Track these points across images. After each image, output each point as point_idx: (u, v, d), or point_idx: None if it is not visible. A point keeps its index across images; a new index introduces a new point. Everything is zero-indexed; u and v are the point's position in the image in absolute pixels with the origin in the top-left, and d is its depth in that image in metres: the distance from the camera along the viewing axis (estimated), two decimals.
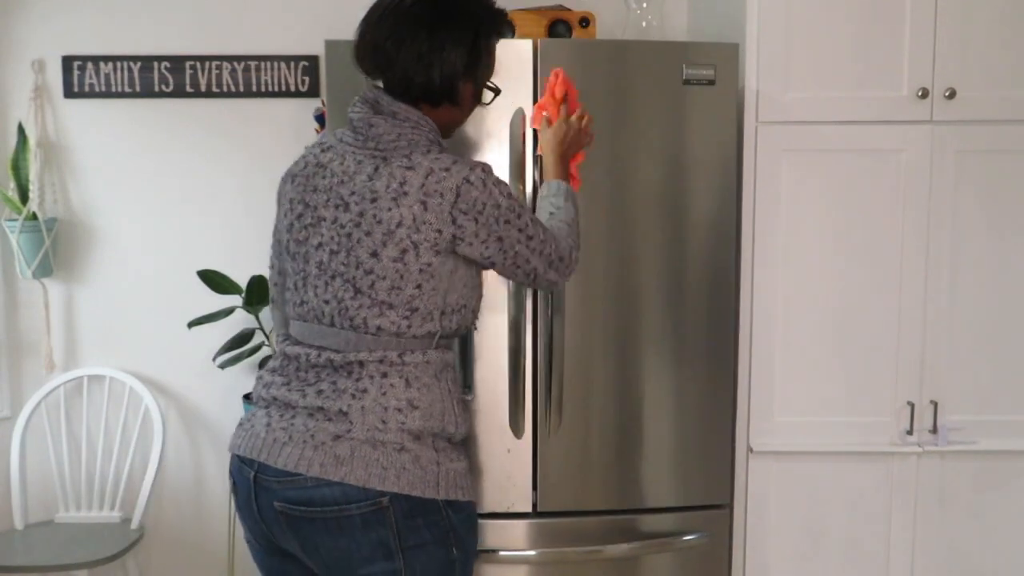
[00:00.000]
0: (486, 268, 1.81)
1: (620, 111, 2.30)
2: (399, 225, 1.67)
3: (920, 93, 2.41)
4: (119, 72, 2.92)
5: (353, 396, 1.70)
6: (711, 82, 2.30)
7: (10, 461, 2.91)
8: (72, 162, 2.96)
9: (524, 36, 2.45)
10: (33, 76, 2.91)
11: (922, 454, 2.51)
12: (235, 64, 2.92)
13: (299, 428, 1.70)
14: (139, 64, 2.91)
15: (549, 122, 2.07)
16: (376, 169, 1.71)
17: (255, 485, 1.72)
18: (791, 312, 2.48)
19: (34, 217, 2.86)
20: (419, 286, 1.71)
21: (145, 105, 2.94)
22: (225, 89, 2.93)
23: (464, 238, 1.71)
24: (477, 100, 1.87)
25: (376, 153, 1.73)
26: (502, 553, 2.37)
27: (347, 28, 2.77)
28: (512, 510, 2.37)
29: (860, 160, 2.45)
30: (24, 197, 2.88)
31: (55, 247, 2.92)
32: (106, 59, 2.91)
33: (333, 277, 1.73)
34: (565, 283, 1.92)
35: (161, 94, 2.93)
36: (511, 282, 2.28)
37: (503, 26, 1.85)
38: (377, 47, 1.75)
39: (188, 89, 2.93)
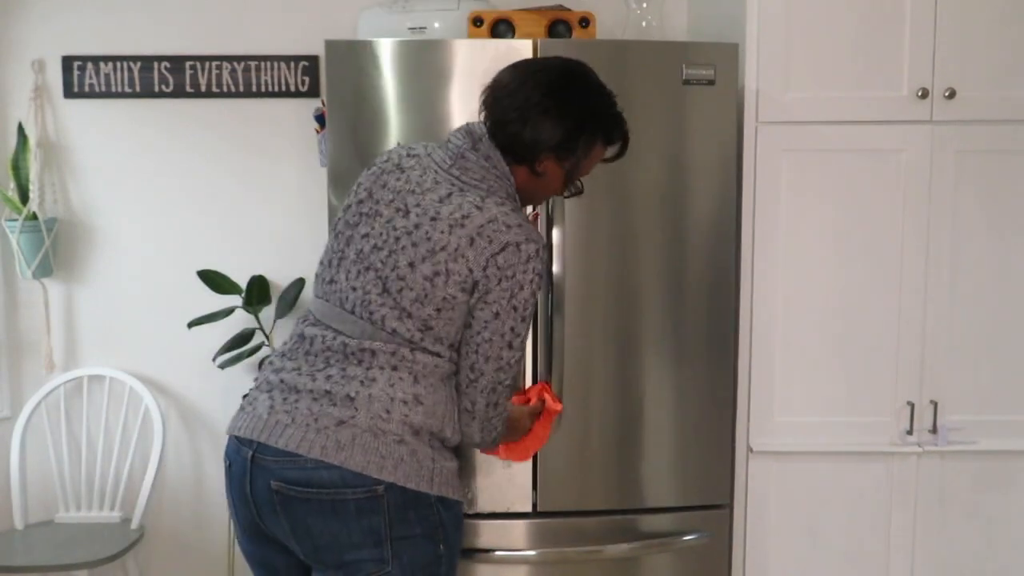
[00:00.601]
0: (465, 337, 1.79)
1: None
2: (443, 249, 1.73)
3: (920, 93, 2.41)
4: (119, 72, 2.92)
5: (362, 383, 1.74)
6: (711, 82, 2.30)
7: (10, 461, 2.91)
8: (72, 162, 2.96)
9: (524, 36, 2.45)
10: (33, 76, 2.91)
11: (922, 454, 2.51)
12: (235, 64, 2.92)
13: (303, 411, 1.73)
14: (139, 64, 2.91)
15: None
16: (449, 195, 1.76)
17: (252, 464, 1.75)
18: (791, 312, 2.48)
19: (34, 217, 2.86)
20: (438, 310, 1.75)
21: (145, 105, 2.94)
22: (225, 89, 2.93)
23: (479, 289, 1.75)
24: (560, 187, 1.88)
25: (456, 182, 1.78)
26: (502, 553, 2.37)
27: (347, 28, 2.79)
28: (512, 510, 2.37)
29: (860, 160, 2.45)
30: (24, 197, 2.88)
31: (55, 247, 2.92)
32: (106, 59, 2.91)
33: (367, 268, 1.77)
34: (464, 431, 1.83)
35: (161, 94, 2.93)
36: None
37: (613, 133, 1.87)
38: (496, 88, 1.82)
39: (188, 89, 2.93)
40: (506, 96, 1.80)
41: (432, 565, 1.78)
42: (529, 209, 2.07)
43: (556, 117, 1.78)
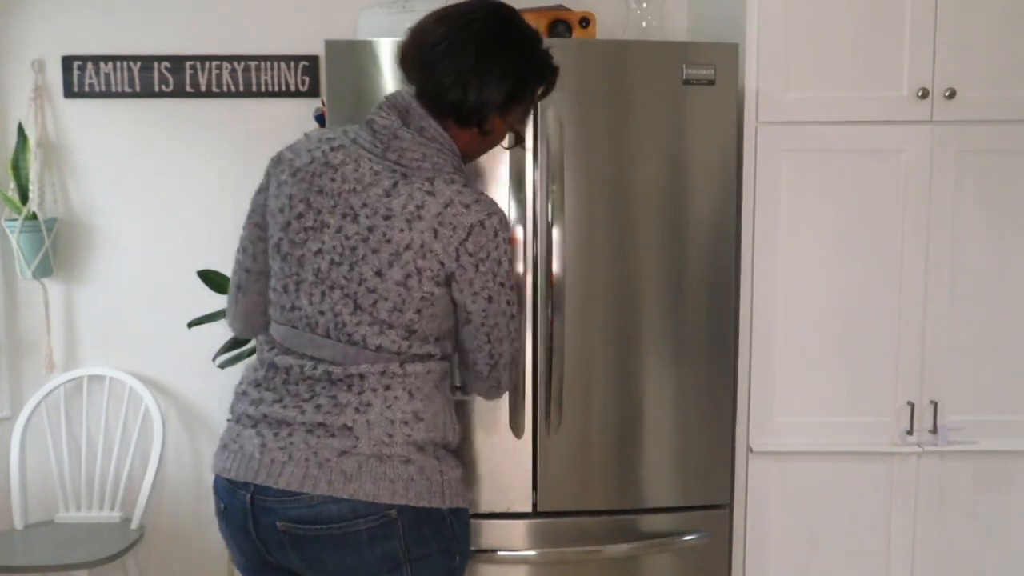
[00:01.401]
0: (460, 325, 1.76)
1: (620, 111, 2.30)
2: (407, 248, 1.64)
3: (920, 93, 2.41)
4: (119, 72, 2.92)
5: (357, 410, 1.67)
6: (711, 82, 2.30)
7: (10, 461, 2.91)
8: (72, 162, 2.96)
9: None
10: (33, 76, 2.91)
11: (922, 454, 2.51)
12: (235, 64, 2.92)
13: (299, 446, 1.65)
14: (139, 64, 2.91)
15: None
16: (395, 185, 1.66)
17: (252, 506, 1.68)
18: (791, 312, 2.48)
19: (34, 217, 2.86)
20: (419, 311, 1.68)
21: (145, 105, 2.94)
22: (225, 89, 2.93)
23: (459, 280, 1.69)
24: (498, 137, 1.82)
25: (396, 168, 1.67)
26: (502, 553, 2.37)
27: (347, 28, 2.79)
28: (512, 510, 2.37)
29: (860, 160, 2.45)
30: (24, 197, 2.88)
31: (55, 247, 2.92)
32: (106, 59, 2.91)
33: (332, 288, 1.67)
34: (487, 398, 1.90)
35: (161, 94, 2.93)
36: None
37: (546, 75, 1.81)
38: (423, 49, 1.71)
39: (188, 89, 2.93)
40: (439, 59, 1.68)
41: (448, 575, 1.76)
42: None
43: (499, 77, 1.69)
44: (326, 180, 1.69)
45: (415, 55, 1.72)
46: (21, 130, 2.89)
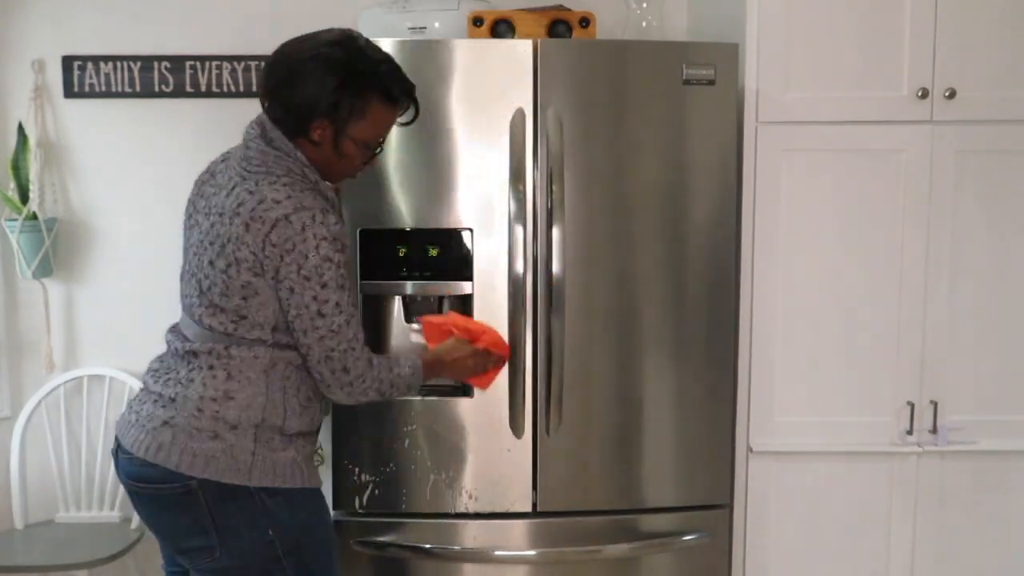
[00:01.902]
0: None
1: (620, 111, 2.30)
2: (229, 241, 1.81)
3: (920, 93, 2.41)
4: (119, 72, 2.92)
5: (182, 384, 1.88)
6: (711, 82, 2.30)
7: (10, 461, 2.91)
8: (72, 162, 2.96)
9: (524, 36, 2.45)
10: (33, 76, 2.91)
11: (922, 454, 2.51)
12: (235, 64, 2.92)
13: (143, 413, 1.90)
14: (139, 64, 2.91)
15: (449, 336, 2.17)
16: (233, 188, 1.85)
17: (116, 459, 1.95)
18: (791, 312, 2.48)
19: (34, 217, 2.86)
20: (244, 298, 1.84)
21: (145, 105, 2.94)
22: (225, 89, 2.93)
23: (268, 270, 1.81)
24: (343, 151, 1.88)
25: (243, 173, 1.86)
26: (502, 553, 2.37)
27: (346, 27, 2.78)
28: (512, 510, 2.37)
29: (860, 160, 2.45)
30: (24, 197, 2.88)
31: (55, 247, 2.92)
32: (106, 59, 2.91)
33: (192, 276, 1.91)
34: (342, 398, 1.91)
35: (161, 94, 2.93)
36: (508, 281, 2.28)
37: (392, 89, 1.88)
38: (270, 62, 1.89)
39: (188, 89, 2.93)
40: (274, 66, 1.87)
41: (265, 550, 1.86)
42: None
43: (319, 77, 1.81)
44: (208, 187, 1.94)
45: (263, 70, 1.91)
46: (21, 130, 2.89)
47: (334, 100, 1.82)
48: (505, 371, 2.30)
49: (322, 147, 1.87)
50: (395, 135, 2.27)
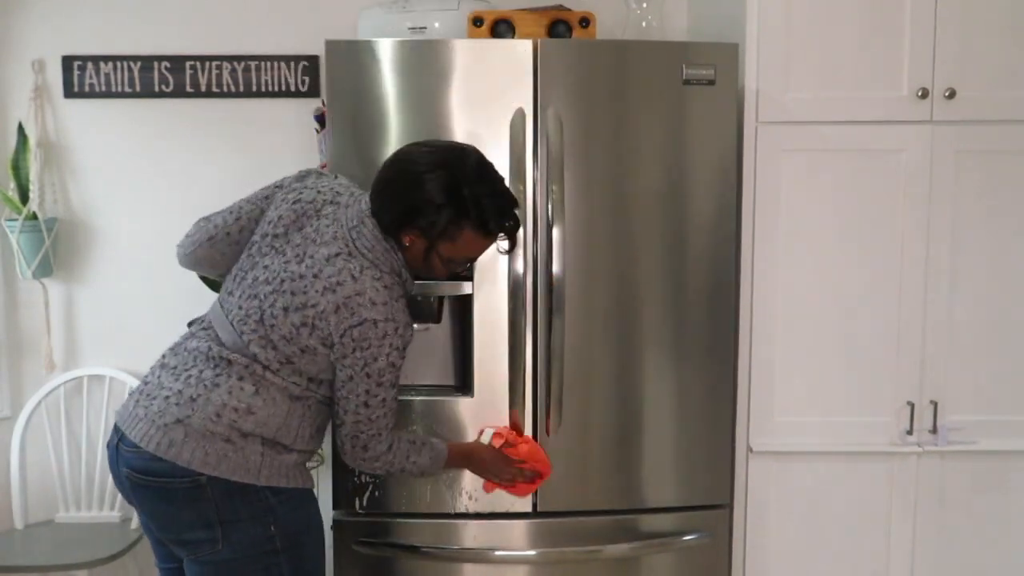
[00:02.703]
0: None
1: (620, 111, 2.30)
2: (312, 307, 1.89)
3: (920, 93, 2.41)
4: (119, 72, 2.92)
5: (206, 387, 1.92)
6: (711, 82, 2.30)
7: (10, 461, 2.91)
8: (72, 162, 2.96)
9: (524, 36, 2.45)
10: (33, 76, 2.91)
11: (922, 454, 2.51)
12: (235, 64, 2.92)
13: (154, 409, 1.92)
14: (139, 64, 2.91)
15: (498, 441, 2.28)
16: (337, 255, 1.91)
17: (116, 451, 1.97)
18: (791, 312, 2.48)
19: (34, 217, 2.86)
20: (302, 352, 1.92)
21: (145, 105, 2.94)
22: (225, 89, 2.93)
23: (336, 351, 1.91)
24: (430, 263, 1.97)
25: (349, 245, 1.93)
26: (502, 553, 2.37)
27: (347, 28, 2.79)
28: (512, 510, 2.37)
29: (860, 160, 2.45)
30: (24, 197, 2.88)
31: (55, 247, 2.92)
32: (106, 59, 2.91)
33: (254, 296, 1.95)
34: (351, 463, 2.04)
35: (161, 94, 2.93)
36: (508, 281, 2.28)
37: (488, 222, 1.92)
38: (388, 166, 1.96)
39: (188, 89, 2.93)
40: (391, 165, 1.95)
41: (263, 543, 1.93)
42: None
43: (426, 193, 1.88)
44: (307, 221, 1.98)
45: (381, 172, 1.96)
46: (21, 130, 2.89)
47: (430, 220, 1.90)
48: (504, 371, 2.31)
49: (410, 251, 1.96)
50: (396, 135, 2.27)
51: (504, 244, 2.05)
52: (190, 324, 2.13)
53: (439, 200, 1.88)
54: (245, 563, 1.93)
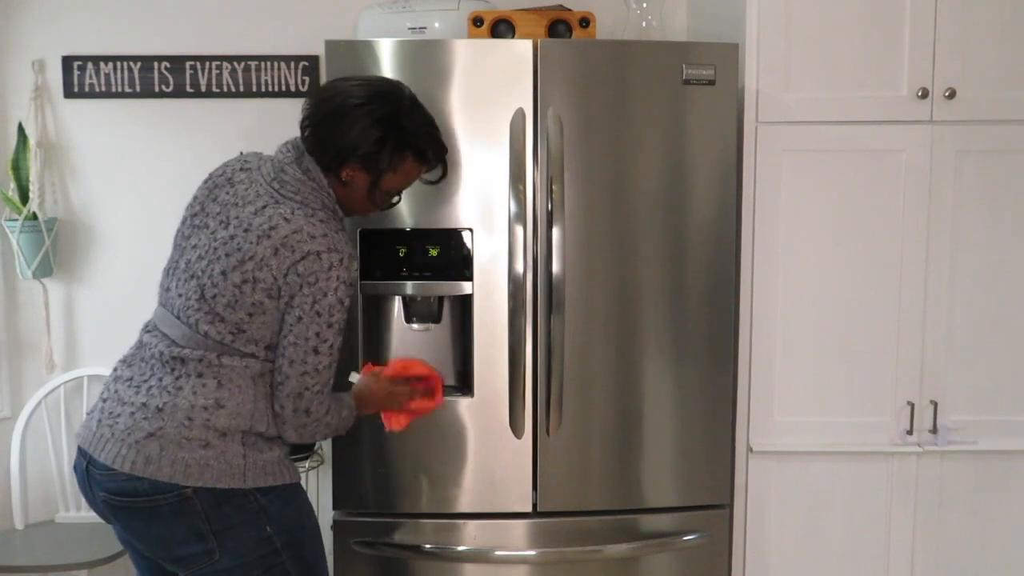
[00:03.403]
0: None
1: (620, 111, 2.30)
2: (250, 259, 1.85)
3: (920, 93, 2.41)
4: (119, 72, 2.92)
5: (170, 393, 1.87)
6: (711, 82, 2.30)
7: (10, 461, 2.91)
8: (72, 162, 2.96)
9: (524, 36, 2.45)
10: (33, 76, 2.91)
11: (922, 454, 2.51)
12: (235, 64, 2.92)
13: (120, 427, 1.87)
14: (139, 64, 2.91)
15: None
16: (264, 207, 1.89)
17: (87, 475, 1.92)
18: (791, 311, 2.48)
19: (34, 217, 2.86)
20: (250, 315, 1.87)
21: (145, 105, 2.94)
22: (225, 89, 2.93)
23: (283, 295, 1.86)
24: (369, 199, 1.99)
25: (275, 195, 1.90)
26: (502, 553, 2.37)
27: (347, 28, 2.79)
28: (512, 510, 2.37)
29: (860, 160, 2.45)
30: (24, 197, 2.88)
31: (55, 247, 2.92)
32: (106, 59, 2.91)
33: (191, 277, 1.91)
34: (289, 434, 1.93)
35: (161, 94, 2.93)
36: (508, 281, 2.28)
37: (427, 152, 1.99)
38: (321, 93, 1.97)
39: (188, 89, 2.93)
40: (323, 102, 1.94)
41: (261, 545, 1.89)
42: None
43: (365, 127, 1.90)
44: (223, 192, 1.96)
45: (310, 101, 1.96)
46: (21, 130, 2.89)
47: (374, 151, 1.91)
48: (504, 371, 2.31)
49: (350, 188, 1.96)
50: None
51: (436, 173, 2.08)
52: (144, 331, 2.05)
53: (383, 132, 1.90)
54: (247, 569, 1.89)
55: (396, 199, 2.09)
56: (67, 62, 2.91)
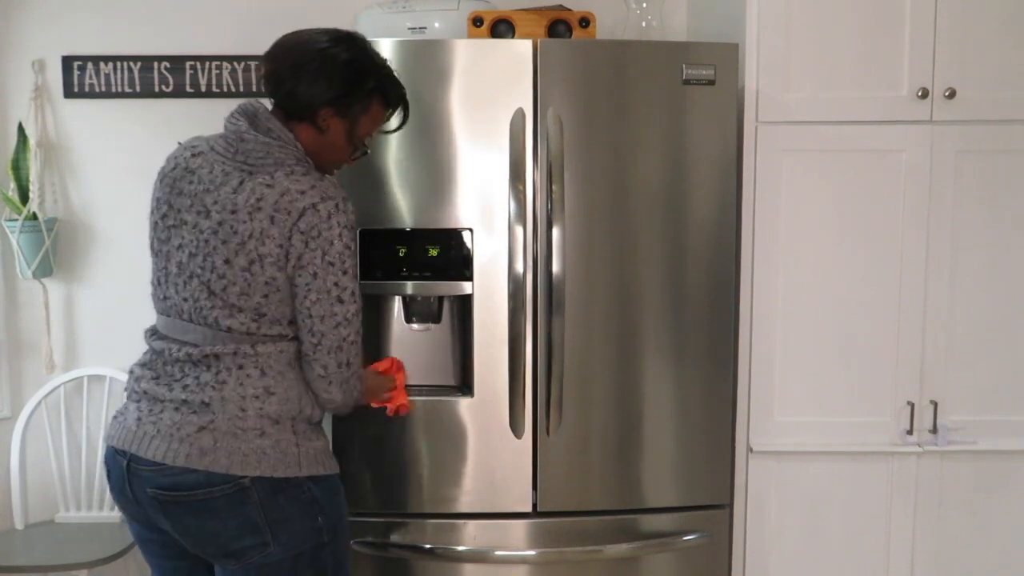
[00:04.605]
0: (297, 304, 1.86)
1: (620, 111, 2.30)
2: (250, 237, 1.80)
3: (920, 93, 2.41)
4: (119, 72, 2.92)
5: (214, 388, 1.84)
6: (711, 82, 2.30)
7: (10, 461, 2.91)
8: (72, 162, 2.96)
9: (524, 36, 2.45)
10: (33, 76, 2.91)
11: (922, 454, 2.51)
12: (235, 64, 2.92)
13: (166, 422, 1.84)
14: (139, 64, 2.91)
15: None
16: (241, 183, 1.83)
17: (128, 473, 1.87)
18: (791, 311, 2.48)
19: (34, 217, 2.86)
20: (266, 296, 1.83)
21: (145, 105, 2.93)
22: (225, 89, 2.93)
23: (291, 257, 1.81)
24: (345, 147, 1.95)
25: (244, 167, 1.85)
26: (501, 553, 2.37)
27: (346, 27, 2.78)
28: (512, 510, 2.37)
29: (860, 160, 2.45)
30: (24, 197, 2.88)
31: (55, 247, 2.92)
32: (106, 59, 2.91)
33: (191, 277, 1.86)
34: (324, 397, 1.92)
35: (161, 94, 2.93)
36: (508, 281, 2.28)
37: (390, 93, 1.97)
38: (277, 47, 1.94)
39: (188, 89, 2.92)
40: (282, 55, 1.91)
41: (312, 535, 1.88)
42: None
43: (329, 73, 1.87)
44: (185, 183, 1.89)
45: (268, 56, 1.94)
46: (21, 130, 2.89)
47: (344, 94, 1.88)
48: (504, 371, 2.30)
49: (327, 135, 1.91)
50: (396, 135, 2.27)
51: (396, 120, 2.05)
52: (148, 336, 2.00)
53: (352, 74, 1.88)
54: (296, 560, 1.87)
55: (366, 149, 2.02)
56: (67, 62, 2.91)
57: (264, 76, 1.92)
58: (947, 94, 2.41)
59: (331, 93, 1.87)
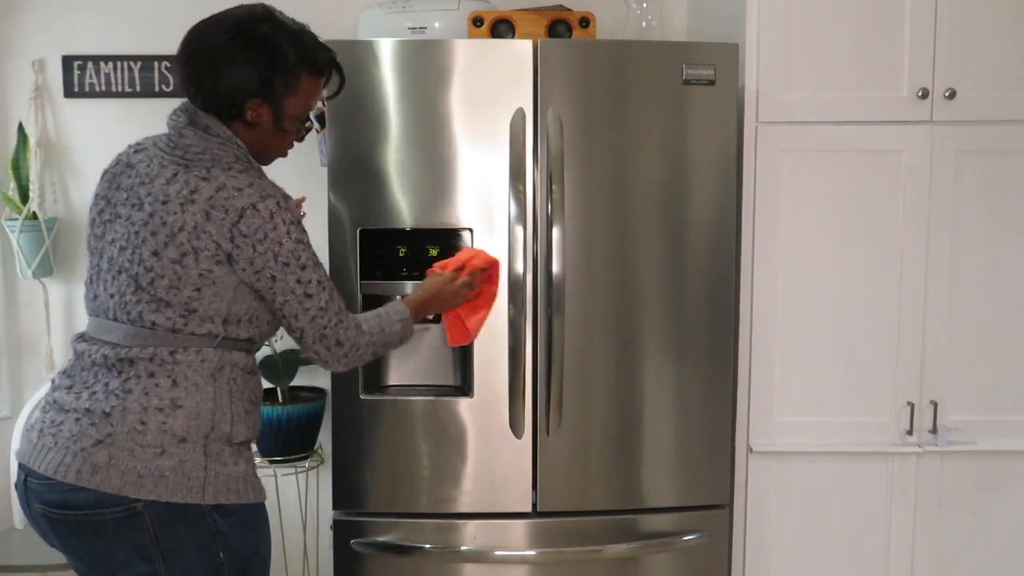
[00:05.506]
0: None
1: (620, 111, 2.30)
2: (181, 229, 1.71)
3: (920, 93, 2.41)
4: (119, 72, 2.92)
5: (118, 396, 1.71)
6: (711, 82, 2.30)
7: (10, 461, 2.91)
8: (72, 162, 2.96)
9: (524, 36, 2.45)
10: (33, 76, 2.91)
11: (922, 454, 2.51)
12: None
13: (64, 434, 1.71)
14: (139, 64, 2.91)
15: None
16: (175, 175, 1.75)
17: (25, 488, 1.76)
18: (791, 311, 2.48)
19: (34, 217, 2.86)
20: (198, 289, 1.73)
21: (145, 105, 2.93)
22: None
23: (239, 261, 1.73)
24: (283, 128, 1.86)
25: (180, 161, 1.77)
26: (501, 553, 2.37)
27: (347, 28, 2.79)
28: (512, 510, 2.37)
29: (860, 160, 2.45)
30: (24, 197, 2.88)
31: (55, 247, 2.92)
32: (106, 59, 2.91)
33: (119, 272, 1.76)
34: (338, 369, 1.89)
35: (161, 94, 2.93)
36: (508, 281, 2.28)
37: (316, 61, 1.87)
38: (184, 47, 1.84)
39: None
40: (191, 54, 1.81)
41: (213, 573, 1.73)
42: None
43: (246, 58, 1.77)
44: (124, 178, 1.82)
45: (179, 59, 1.84)
46: (21, 130, 2.89)
47: (267, 78, 1.78)
48: (504, 371, 2.30)
49: (259, 127, 1.83)
50: (396, 135, 2.27)
51: (333, 86, 1.95)
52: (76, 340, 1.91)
53: (264, 59, 1.77)
54: None
55: (308, 124, 1.93)
56: (67, 62, 2.91)
57: (180, 82, 1.85)
58: (947, 94, 2.41)
59: (255, 81, 1.78)
